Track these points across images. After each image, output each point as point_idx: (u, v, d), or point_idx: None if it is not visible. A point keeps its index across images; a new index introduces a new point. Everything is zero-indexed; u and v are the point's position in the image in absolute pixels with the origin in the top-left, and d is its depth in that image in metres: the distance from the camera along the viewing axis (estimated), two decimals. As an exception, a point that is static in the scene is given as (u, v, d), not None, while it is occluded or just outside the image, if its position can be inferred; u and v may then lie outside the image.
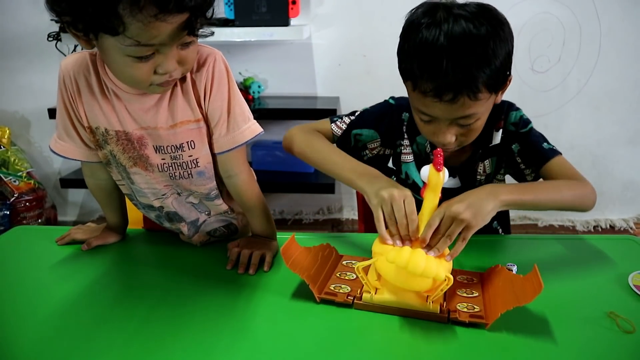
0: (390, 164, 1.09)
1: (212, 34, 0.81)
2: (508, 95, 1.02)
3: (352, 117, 1.08)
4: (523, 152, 1.01)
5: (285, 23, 2.04)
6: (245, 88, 2.29)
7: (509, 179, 1.09)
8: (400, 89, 1.17)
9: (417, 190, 1.05)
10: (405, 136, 1.06)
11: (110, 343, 0.73)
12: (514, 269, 0.88)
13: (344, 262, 0.91)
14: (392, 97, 1.09)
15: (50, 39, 0.80)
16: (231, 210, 1.01)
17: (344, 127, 1.08)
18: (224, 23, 2.08)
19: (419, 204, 0.81)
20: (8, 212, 2.28)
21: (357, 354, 0.70)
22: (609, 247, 0.99)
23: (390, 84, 1.27)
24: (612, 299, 0.82)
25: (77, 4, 0.68)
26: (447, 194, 0.96)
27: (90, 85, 0.85)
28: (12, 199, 2.29)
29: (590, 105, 2.30)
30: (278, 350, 0.71)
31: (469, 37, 0.80)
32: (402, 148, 1.06)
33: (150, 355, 0.70)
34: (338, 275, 0.87)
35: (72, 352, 0.71)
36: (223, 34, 2.02)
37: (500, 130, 1.01)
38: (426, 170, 0.78)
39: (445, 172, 0.77)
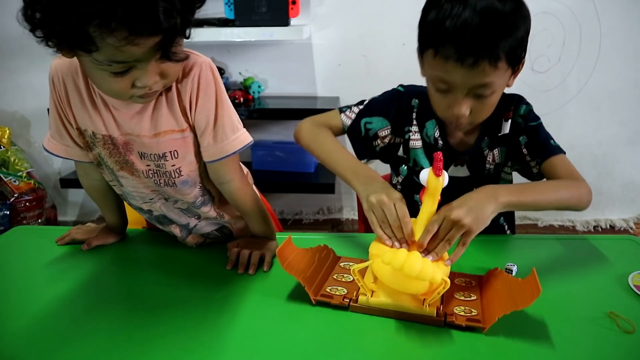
0: (400, 153, 1.10)
1: (187, 57, 0.78)
2: (508, 95, 1.02)
3: (361, 107, 1.09)
4: (530, 144, 1.01)
5: (285, 23, 2.04)
6: (245, 88, 2.29)
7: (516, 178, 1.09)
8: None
9: None
10: (415, 122, 1.06)
11: (110, 342, 0.73)
12: (514, 269, 0.88)
13: (342, 264, 0.91)
14: (401, 85, 1.10)
15: None
16: (221, 217, 1.01)
17: (353, 116, 1.09)
18: (224, 23, 2.08)
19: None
20: (8, 212, 2.28)
21: (353, 357, 0.70)
22: (609, 247, 0.99)
23: (390, 84, 1.26)
24: (612, 299, 0.82)
25: (48, 22, 0.66)
26: (456, 182, 0.99)
27: (78, 88, 0.84)
28: (12, 199, 2.29)
29: (590, 105, 2.30)
30: (273, 351, 0.71)
31: (493, 11, 0.82)
32: (411, 134, 1.07)
33: (150, 354, 0.70)
34: (335, 277, 0.86)
35: (72, 352, 0.71)
36: (223, 34, 2.02)
37: (509, 121, 1.02)
38: (425, 173, 0.77)
39: (445, 176, 0.77)
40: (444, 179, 0.76)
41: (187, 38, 0.73)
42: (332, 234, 1.10)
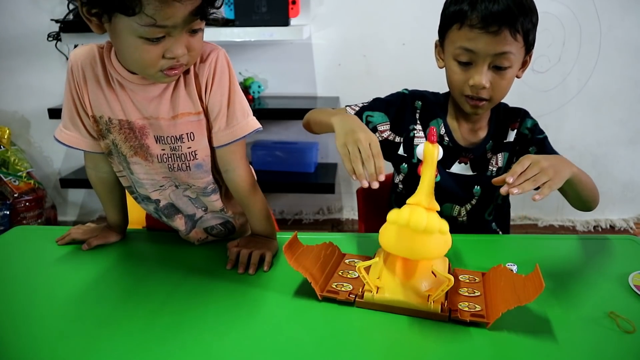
0: (401, 151, 1.15)
1: (223, 18, 0.83)
2: (508, 97, 1.03)
3: (366, 103, 1.16)
4: (540, 154, 1.07)
5: (285, 23, 2.04)
6: (245, 88, 2.29)
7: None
8: (399, 89, 1.18)
9: None
10: (418, 122, 1.13)
11: (111, 342, 0.73)
12: (514, 268, 0.88)
13: (347, 261, 0.92)
14: (405, 89, 1.16)
15: (50, 39, 0.80)
16: (226, 210, 1.01)
17: (357, 109, 1.15)
18: (224, 23, 2.08)
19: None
20: (8, 212, 2.28)
21: (359, 352, 0.70)
22: (609, 247, 0.99)
23: (390, 84, 1.27)
24: (612, 299, 0.82)
25: None
26: (460, 179, 1.09)
27: (96, 75, 0.87)
28: (12, 199, 2.29)
29: (590, 105, 2.30)
30: (280, 348, 0.71)
31: None
32: (415, 132, 1.13)
33: (152, 354, 0.70)
34: (340, 273, 0.87)
35: (73, 352, 0.71)
36: (223, 34, 2.02)
37: (515, 131, 1.10)
38: (421, 147, 0.79)
39: (439, 149, 0.79)
40: (439, 151, 0.79)
41: (218, 8, 0.80)
42: (333, 233, 1.10)
